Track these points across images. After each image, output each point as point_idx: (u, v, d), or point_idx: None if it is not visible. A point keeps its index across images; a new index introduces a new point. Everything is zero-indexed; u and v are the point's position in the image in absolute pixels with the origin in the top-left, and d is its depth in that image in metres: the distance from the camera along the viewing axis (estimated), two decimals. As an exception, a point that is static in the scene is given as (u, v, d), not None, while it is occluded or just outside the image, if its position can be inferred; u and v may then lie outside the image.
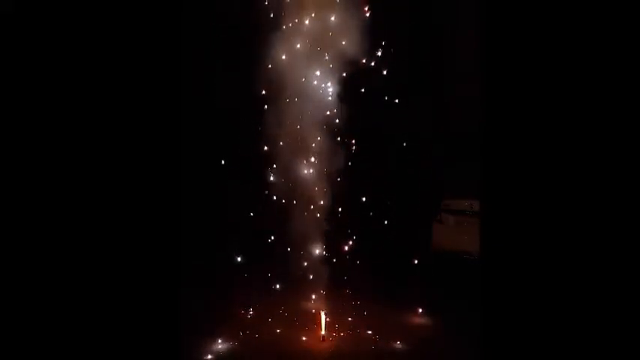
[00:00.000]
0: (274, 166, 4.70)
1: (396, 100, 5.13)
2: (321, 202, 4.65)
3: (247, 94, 4.70)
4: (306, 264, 4.66)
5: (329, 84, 4.59)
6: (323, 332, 4.20)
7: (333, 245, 4.79)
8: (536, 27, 2.57)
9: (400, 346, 4.02)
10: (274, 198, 4.74)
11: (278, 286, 4.84)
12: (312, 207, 4.62)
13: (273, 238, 4.91)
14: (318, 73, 4.55)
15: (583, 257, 2.49)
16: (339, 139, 4.67)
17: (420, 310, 4.59)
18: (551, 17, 2.53)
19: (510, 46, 2.63)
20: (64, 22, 2.63)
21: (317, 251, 4.65)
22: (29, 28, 2.62)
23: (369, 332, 4.25)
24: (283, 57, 4.50)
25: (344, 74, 4.63)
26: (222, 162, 5.08)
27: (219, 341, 3.98)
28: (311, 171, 4.62)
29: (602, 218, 2.46)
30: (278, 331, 4.25)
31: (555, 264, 2.55)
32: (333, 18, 4.48)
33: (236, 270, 5.11)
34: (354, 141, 4.84)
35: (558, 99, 2.53)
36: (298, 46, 4.49)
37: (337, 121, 4.65)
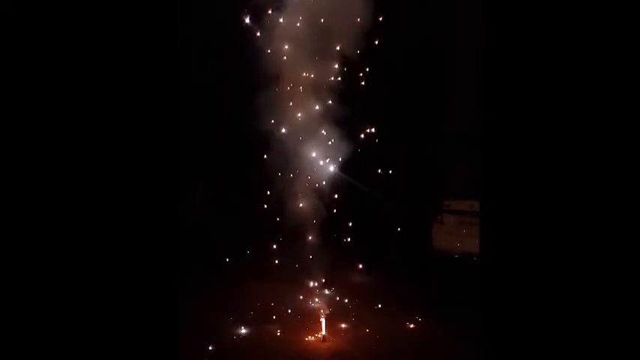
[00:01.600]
0: (273, 159, 4.67)
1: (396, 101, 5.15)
2: (322, 199, 4.63)
3: (247, 94, 4.69)
4: (305, 263, 4.66)
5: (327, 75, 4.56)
6: (324, 332, 4.20)
7: (333, 244, 4.79)
8: (536, 27, 2.57)
9: (400, 346, 4.01)
10: (273, 194, 4.73)
11: (278, 286, 4.85)
12: (314, 201, 4.60)
13: (272, 237, 4.91)
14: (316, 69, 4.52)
15: (583, 257, 2.48)
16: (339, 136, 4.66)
17: (420, 310, 4.59)
18: (552, 17, 2.53)
19: (511, 46, 2.63)
20: (63, 22, 2.63)
21: (317, 250, 4.65)
22: (28, 27, 2.62)
23: (369, 332, 4.25)
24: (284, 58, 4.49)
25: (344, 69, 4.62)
26: (222, 163, 5.09)
27: (219, 341, 3.98)
28: (313, 163, 4.58)
29: (603, 218, 2.46)
30: (279, 331, 4.25)
31: (555, 264, 2.54)
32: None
33: (235, 270, 5.12)
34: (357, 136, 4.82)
35: (559, 98, 2.53)
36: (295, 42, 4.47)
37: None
